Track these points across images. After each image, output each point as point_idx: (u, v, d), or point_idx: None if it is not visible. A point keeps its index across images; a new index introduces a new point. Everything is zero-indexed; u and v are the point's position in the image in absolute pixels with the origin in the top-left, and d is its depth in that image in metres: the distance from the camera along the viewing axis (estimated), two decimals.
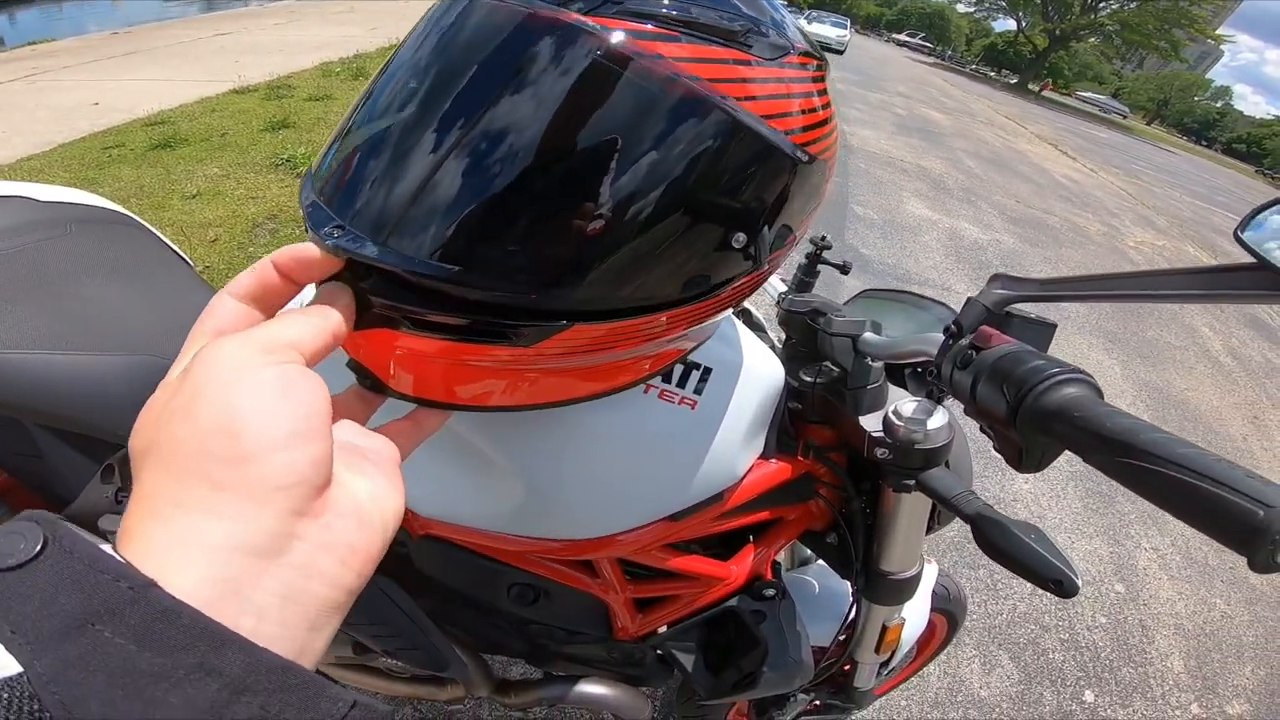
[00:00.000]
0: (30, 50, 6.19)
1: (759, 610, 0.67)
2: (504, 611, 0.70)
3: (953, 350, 0.46)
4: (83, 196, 0.90)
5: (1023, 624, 1.62)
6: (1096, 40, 35.84)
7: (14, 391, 0.67)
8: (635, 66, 0.32)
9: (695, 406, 0.54)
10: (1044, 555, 0.44)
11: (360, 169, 0.35)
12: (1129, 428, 0.33)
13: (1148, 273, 0.42)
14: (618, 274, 0.35)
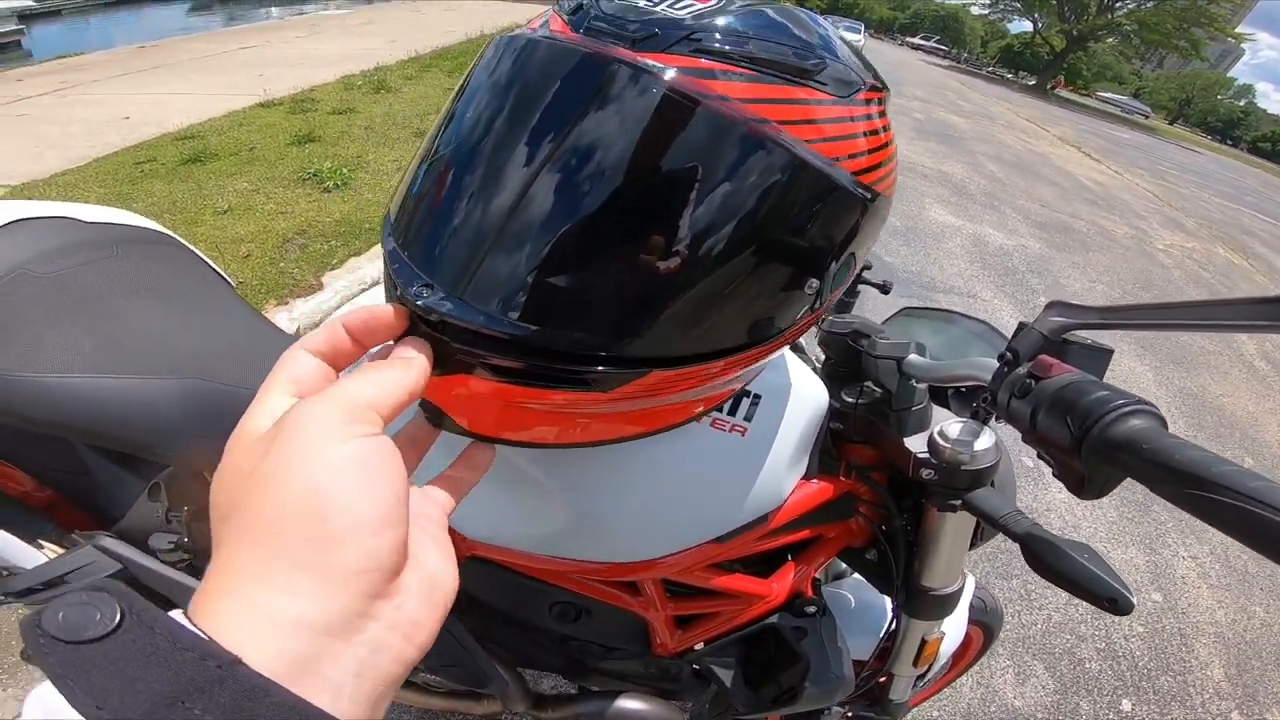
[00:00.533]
0: (59, 64, 6.36)
1: (800, 627, 0.67)
2: (544, 628, 0.70)
3: (1010, 378, 0.45)
4: (125, 217, 0.91)
5: (1058, 634, 1.61)
6: (1115, 40, 35.37)
7: (63, 413, 0.68)
8: (704, 110, 0.32)
9: (745, 433, 0.54)
10: (1098, 574, 0.43)
11: (441, 223, 0.35)
12: (1199, 460, 0.33)
13: (1207, 302, 0.41)
14: (693, 322, 0.36)
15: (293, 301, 2.03)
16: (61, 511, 0.87)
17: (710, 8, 0.35)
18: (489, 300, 0.32)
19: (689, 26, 0.34)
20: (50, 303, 0.74)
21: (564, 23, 0.37)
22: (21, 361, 0.69)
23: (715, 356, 0.38)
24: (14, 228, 0.79)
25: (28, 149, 3.35)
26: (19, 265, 0.75)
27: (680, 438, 0.51)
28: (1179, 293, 4.54)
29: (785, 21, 0.37)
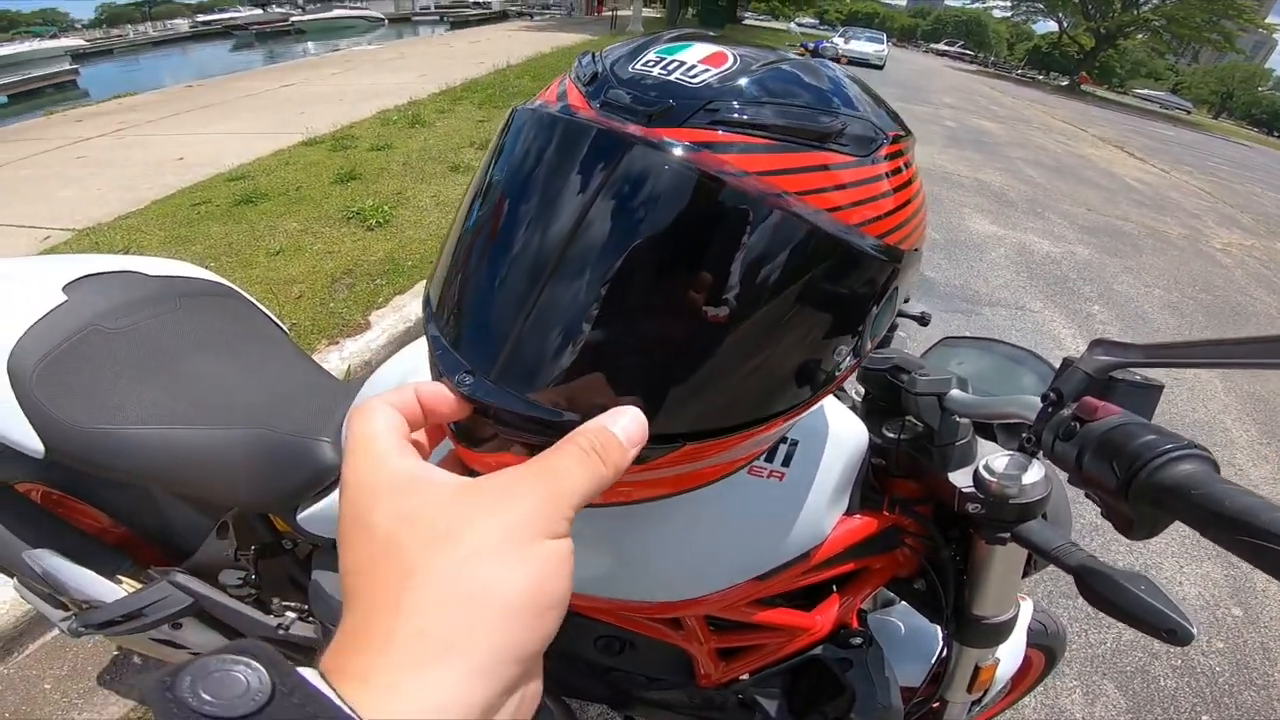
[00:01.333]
0: (116, 104, 6.73)
1: (845, 658, 0.67)
2: (589, 660, 0.71)
3: (1054, 420, 0.45)
4: (186, 269, 0.95)
5: (1129, 652, 1.55)
6: (1144, 36, 34.46)
7: (139, 463, 0.72)
8: (722, 188, 0.31)
9: (784, 478, 0.55)
10: (1155, 605, 0.43)
11: (476, 311, 0.35)
12: (1249, 507, 0.33)
13: (1258, 339, 0.40)
14: (725, 396, 0.35)
15: (343, 341, 2.06)
16: (136, 547, 0.92)
17: (725, 72, 0.35)
18: (526, 385, 0.32)
19: (705, 96, 0.33)
20: (122, 357, 0.78)
21: (581, 95, 0.36)
22: (99, 414, 0.73)
23: (749, 425, 0.38)
24: (84, 283, 0.83)
25: (90, 192, 3.53)
26: (91, 322, 0.79)
27: (719, 485, 0.50)
28: (1242, 293, 4.31)
29: (802, 83, 0.36)
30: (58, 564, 0.84)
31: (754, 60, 0.36)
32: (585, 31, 15.39)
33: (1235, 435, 2.56)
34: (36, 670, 1.26)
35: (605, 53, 0.40)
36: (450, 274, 0.38)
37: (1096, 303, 3.63)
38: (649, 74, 0.35)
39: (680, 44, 0.38)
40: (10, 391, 0.72)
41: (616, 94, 0.34)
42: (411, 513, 0.22)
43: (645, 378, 0.34)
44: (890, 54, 22.08)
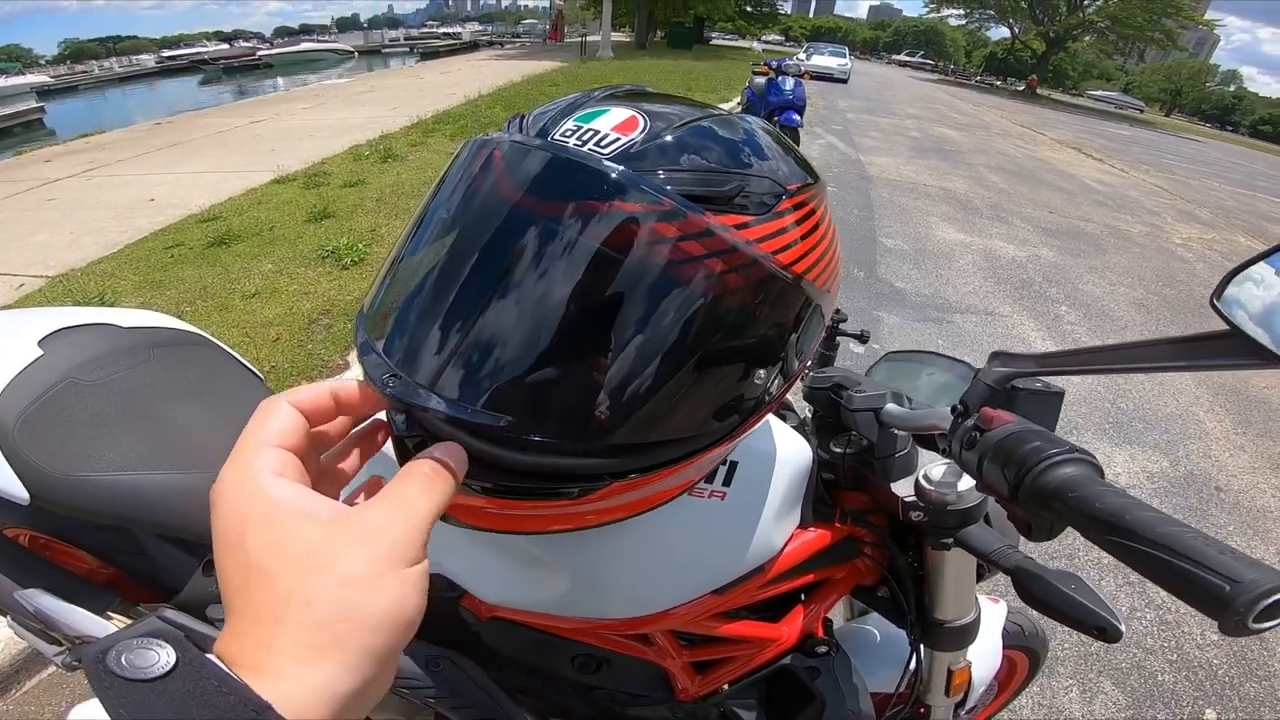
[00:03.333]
0: (84, 143, 6.66)
1: (813, 666, 0.69)
2: (569, 679, 0.73)
3: (960, 430, 0.47)
4: (159, 319, 0.98)
5: (1122, 649, 1.57)
6: (1091, 38, 35.89)
7: (121, 506, 0.75)
8: (648, 252, 0.35)
9: (725, 498, 0.57)
10: (1085, 604, 0.45)
11: (412, 321, 0.38)
12: (1118, 508, 0.35)
13: (1135, 344, 0.43)
14: (649, 430, 0.38)
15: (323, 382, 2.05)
16: (124, 587, 0.93)
17: (633, 140, 0.38)
18: (452, 392, 0.35)
19: (611, 170, 0.36)
20: (100, 408, 0.81)
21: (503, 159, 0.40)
22: (80, 463, 0.75)
23: (678, 460, 0.40)
24: (58, 337, 0.86)
25: (63, 236, 3.49)
26: (67, 375, 0.81)
27: (659, 511, 0.52)
28: (1205, 286, 4.45)
29: (706, 147, 0.40)
30: (49, 603, 0.86)
31: (664, 125, 0.40)
32: (555, 58, 15.59)
33: (1210, 427, 2.63)
34: (35, 706, 1.27)
35: (531, 119, 0.43)
36: (381, 285, 0.41)
37: (1064, 304, 3.73)
38: (565, 145, 0.39)
39: (599, 110, 0.41)
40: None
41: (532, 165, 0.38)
42: (282, 544, 0.25)
43: (575, 406, 0.36)
44: (854, 67, 22.63)
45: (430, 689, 0.71)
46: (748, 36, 35.50)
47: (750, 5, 31.72)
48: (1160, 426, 2.57)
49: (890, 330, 3.08)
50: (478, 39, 44.68)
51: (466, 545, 0.64)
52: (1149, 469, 2.30)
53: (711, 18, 27.87)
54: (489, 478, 0.37)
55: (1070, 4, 32.98)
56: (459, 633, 0.74)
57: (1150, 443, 2.45)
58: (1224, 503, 2.16)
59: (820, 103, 11.51)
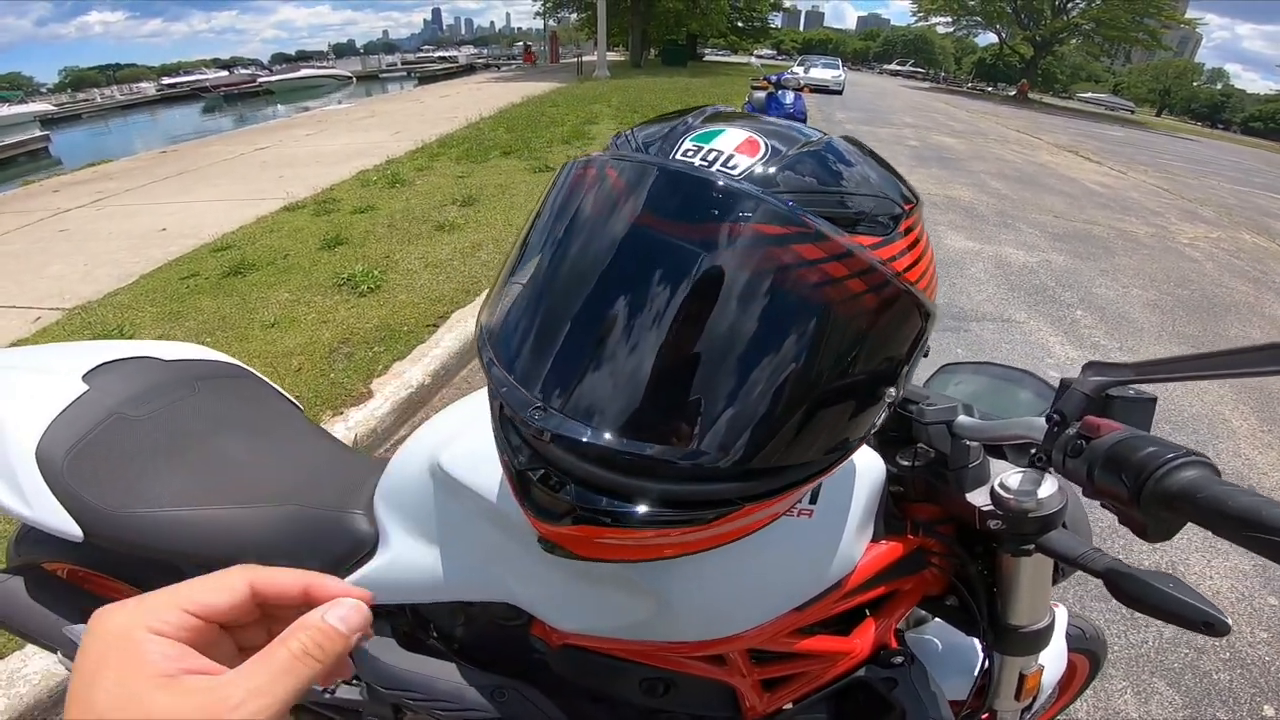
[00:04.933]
0: (91, 172, 6.72)
1: (890, 677, 0.68)
2: (634, 704, 0.72)
3: (1061, 440, 0.48)
4: (199, 352, 0.99)
5: (1173, 649, 1.56)
6: (1077, 41, 36.32)
7: (173, 543, 0.75)
8: (789, 272, 0.36)
9: (812, 515, 0.58)
10: (1188, 601, 0.45)
11: (550, 349, 0.39)
12: (1252, 505, 0.37)
13: (1231, 351, 0.44)
14: (788, 453, 0.39)
15: (347, 411, 2.04)
16: None
17: (760, 160, 0.40)
18: (600, 420, 0.36)
19: (750, 191, 0.38)
20: (148, 443, 0.81)
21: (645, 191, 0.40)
22: (131, 499, 0.76)
23: (803, 482, 0.42)
24: (102, 371, 0.87)
25: (76, 267, 3.50)
26: (114, 410, 0.82)
27: None
28: (1216, 285, 4.45)
29: (830, 170, 0.41)
30: None
31: (784, 147, 0.41)
32: (553, 79, 15.77)
33: (1236, 425, 2.62)
34: None
35: (641, 139, 0.44)
36: (520, 310, 0.41)
37: (1079, 308, 3.72)
38: (691, 165, 0.40)
39: (715, 130, 0.42)
40: (42, 482, 0.75)
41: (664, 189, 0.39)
42: (124, 704, 0.23)
43: (727, 440, 0.37)
44: (847, 78, 22.88)
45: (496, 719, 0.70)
46: (740, 52, 35.93)
47: (742, 21, 32.16)
48: (1189, 427, 2.55)
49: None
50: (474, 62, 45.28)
51: (542, 572, 0.63)
52: None
53: (704, 34, 28.22)
54: (625, 508, 0.38)
55: (1054, 8, 33.42)
56: (524, 661, 0.73)
57: (1183, 443, 2.42)
58: None
59: (817, 115, 11.60)
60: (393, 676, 0.73)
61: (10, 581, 0.92)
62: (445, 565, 0.68)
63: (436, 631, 0.78)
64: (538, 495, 0.41)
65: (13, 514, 0.77)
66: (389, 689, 0.73)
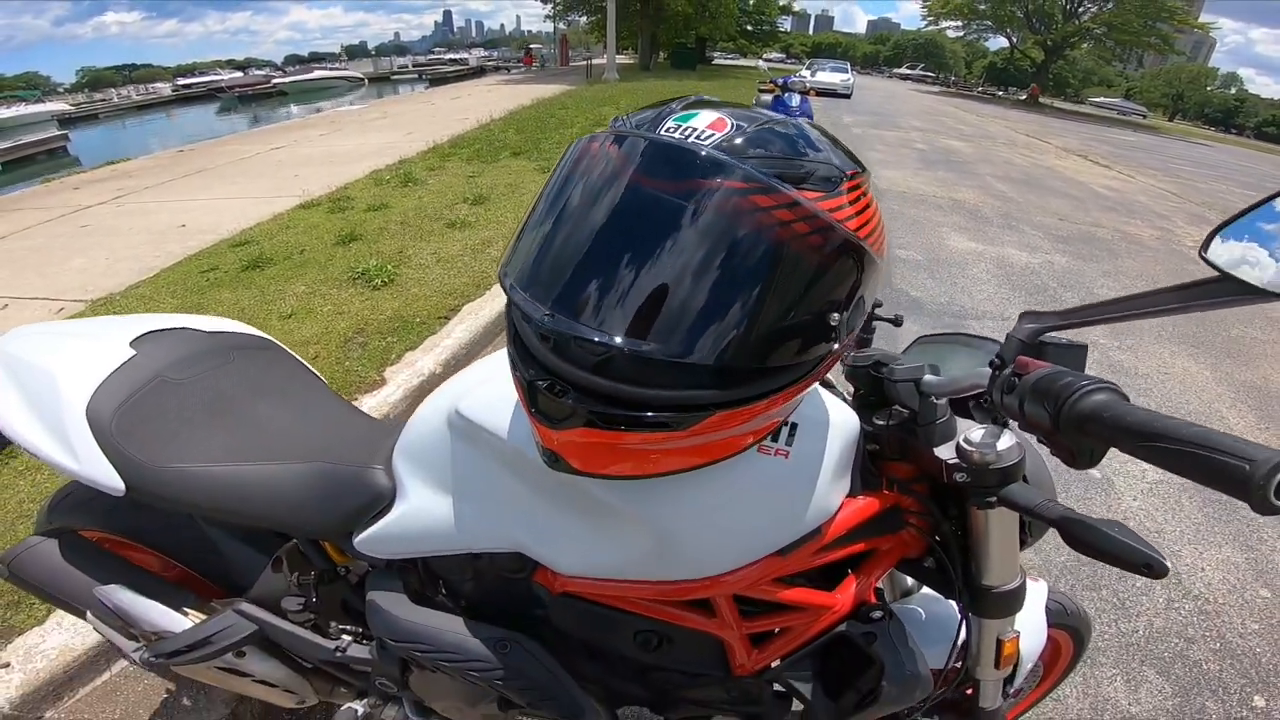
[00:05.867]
0: (110, 170, 6.84)
1: (869, 632, 0.72)
2: (629, 659, 0.77)
3: (999, 380, 0.54)
4: (234, 325, 1.05)
5: (1163, 639, 1.59)
6: (1089, 45, 36.07)
7: (210, 497, 0.80)
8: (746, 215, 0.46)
9: (788, 456, 0.63)
10: (1131, 544, 0.48)
11: (560, 274, 0.48)
12: (1147, 419, 0.42)
13: (1144, 294, 0.50)
14: (747, 356, 0.47)
15: (360, 398, 2.12)
16: (194, 585, 0.99)
17: (726, 135, 0.49)
18: (595, 322, 0.46)
19: (728, 163, 0.47)
20: (187, 405, 0.87)
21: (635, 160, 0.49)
22: (172, 454, 0.81)
23: (764, 396, 0.50)
24: (147, 339, 0.93)
25: (98, 261, 3.61)
26: (158, 373, 0.88)
27: (734, 464, 0.61)
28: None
29: (781, 139, 0.50)
30: (129, 598, 0.90)
31: (747, 123, 0.50)
32: (562, 82, 15.88)
33: (1233, 422, 2.64)
34: (88, 713, 1.29)
35: (633, 123, 0.53)
36: (526, 248, 0.52)
37: None
38: (674, 143, 0.49)
39: (690, 113, 0.52)
40: (91, 438, 0.80)
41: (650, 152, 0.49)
42: None
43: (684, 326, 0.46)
44: (856, 82, 22.85)
45: (499, 671, 0.74)
46: (749, 55, 36.00)
47: (751, 24, 32.23)
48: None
49: (910, 337, 3.11)
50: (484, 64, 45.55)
51: (545, 516, 0.69)
52: None
53: (713, 38, 28.32)
54: (613, 411, 0.47)
55: (1066, 12, 33.23)
56: (527, 616, 0.78)
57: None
58: None
59: (825, 119, 11.64)
60: (402, 630, 0.76)
61: (44, 544, 0.96)
62: (457, 515, 0.72)
63: (445, 587, 0.82)
64: (544, 403, 0.50)
65: (60, 468, 0.82)
66: (398, 641, 0.77)
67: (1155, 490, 2.15)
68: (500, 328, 2.69)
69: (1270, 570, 1.84)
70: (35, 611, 1.38)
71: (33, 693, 1.26)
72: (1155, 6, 28.86)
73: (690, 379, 0.48)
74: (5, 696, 1.23)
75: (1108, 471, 2.21)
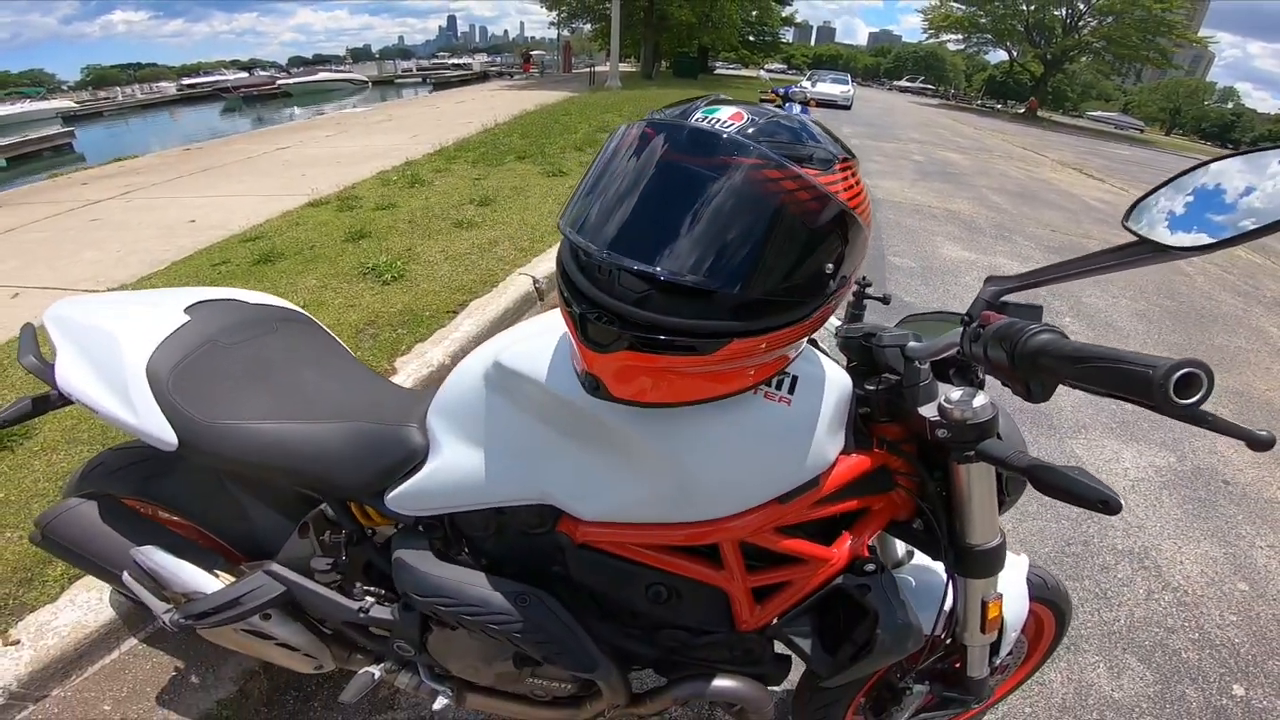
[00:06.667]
0: (118, 167, 6.91)
1: (863, 584, 0.78)
2: (640, 614, 0.83)
3: (967, 332, 0.63)
4: (275, 300, 1.14)
5: (1143, 628, 1.64)
6: (1088, 59, 36.40)
7: (258, 452, 0.86)
8: (755, 183, 0.57)
9: (790, 404, 0.71)
10: (1088, 484, 0.56)
11: (618, 223, 0.59)
12: (1077, 347, 0.52)
13: (1084, 257, 0.62)
14: (756, 287, 0.57)
15: None
16: (225, 552, 1.05)
17: (744, 124, 0.59)
18: (634, 254, 0.56)
19: (740, 139, 0.58)
20: (237, 367, 0.94)
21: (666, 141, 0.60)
22: (223, 412, 0.87)
23: (774, 329, 0.60)
24: (200, 307, 1.01)
25: (110, 254, 3.67)
26: (210, 338, 0.96)
27: (743, 407, 0.70)
28: (1205, 298, 4.56)
29: (788, 129, 0.61)
30: (164, 559, 0.95)
31: (760, 116, 0.61)
32: (565, 88, 16.00)
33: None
34: (95, 692, 1.30)
35: (668, 115, 0.64)
36: (588, 204, 0.61)
37: (1068, 315, 3.85)
38: (705, 129, 0.60)
39: (714, 107, 0.62)
40: (150, 394, 0.87)
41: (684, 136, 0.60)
42: None
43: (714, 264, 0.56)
44: (856, 93, 23.06)
45: (519, 623, 0.79)
46: (750, 65, 36.30)
47: (753, 35, 32.51)
48: (1165, 425, 2.66)
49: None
50: (488, 70, 45.75)
51: (574, 460, 0.76)
52: (1157, 464, 2.41)
53: (715, 47, 28.56)
54: (654, 335, 0.58)
55: (1065, 26, 33.58)
56: (546, 570, 0.83)
57: (1157, 440, 2.55)
58: (1232, 495, 2.25)
59: None
60: (428, 584, 0.81)
61: (83, 506, 1.00)
62: (488, 468, 0.77)
63: (469, 545, 0.87)
64: (593, 331, 0.61)
65: (118, 422, 0.87)
66: (423, 596, 0.81)
67: (1136, 488, 2.24)
68: (506, 323, 2.77)
69: (1248, 565, 1.91)
70: (49, 588, 1.38)
71: (41, 670, 1.25)
72: (1155, 21, 29.16)
73: (713, 311, 0.58)
74: (13, 674, 1.22)
75: (1090, 471, 2.30)
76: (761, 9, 28.81)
